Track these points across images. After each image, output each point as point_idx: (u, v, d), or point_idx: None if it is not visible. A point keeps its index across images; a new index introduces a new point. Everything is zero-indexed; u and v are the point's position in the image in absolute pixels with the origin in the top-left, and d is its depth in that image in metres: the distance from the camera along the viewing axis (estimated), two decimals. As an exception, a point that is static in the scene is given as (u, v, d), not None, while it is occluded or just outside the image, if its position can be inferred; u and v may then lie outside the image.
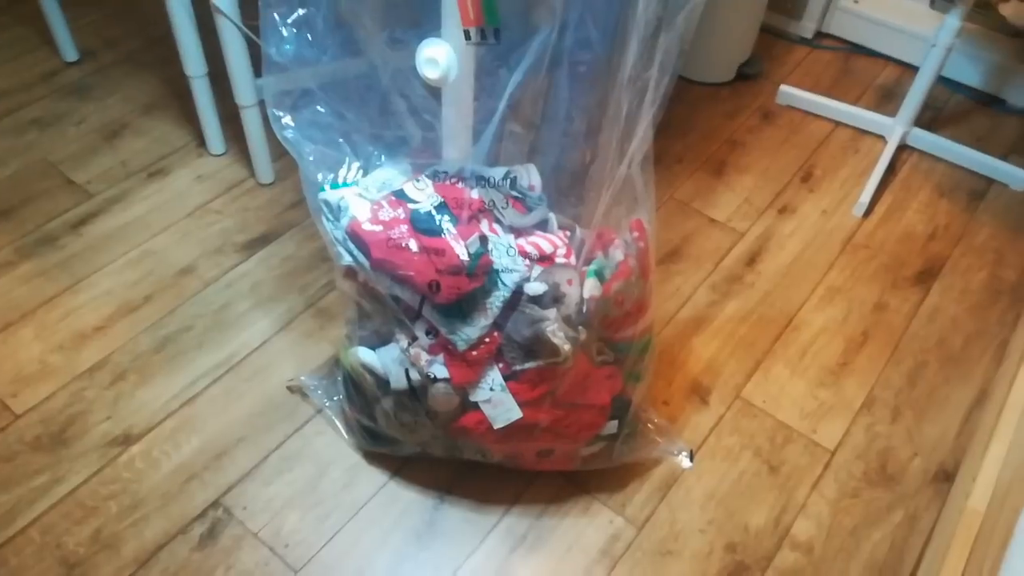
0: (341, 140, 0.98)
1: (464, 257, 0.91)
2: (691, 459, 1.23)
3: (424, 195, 0.94)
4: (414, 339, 0.99)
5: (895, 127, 1.74)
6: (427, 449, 1.13)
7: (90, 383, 1.25)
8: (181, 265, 1.42)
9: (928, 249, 1.57)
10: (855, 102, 1.85)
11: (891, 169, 1.71)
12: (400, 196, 0.95)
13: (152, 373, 1.27)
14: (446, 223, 0.92)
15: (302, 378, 1.25)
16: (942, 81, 1.92)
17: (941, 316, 1.46)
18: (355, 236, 0.94)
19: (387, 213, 0.94)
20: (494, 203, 0.95)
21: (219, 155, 1.62)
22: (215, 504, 1.13)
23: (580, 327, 0.96)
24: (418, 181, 0.96)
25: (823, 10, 2.01)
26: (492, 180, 0.95)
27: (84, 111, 1.69)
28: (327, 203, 0.97)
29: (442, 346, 0.97)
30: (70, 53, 1.79)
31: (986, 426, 1.23)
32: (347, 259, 0.96)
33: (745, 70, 1.91)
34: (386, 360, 1.02)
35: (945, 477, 1.23)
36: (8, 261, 1.41)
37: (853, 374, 1.36)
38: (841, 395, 1.33)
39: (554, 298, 0.94)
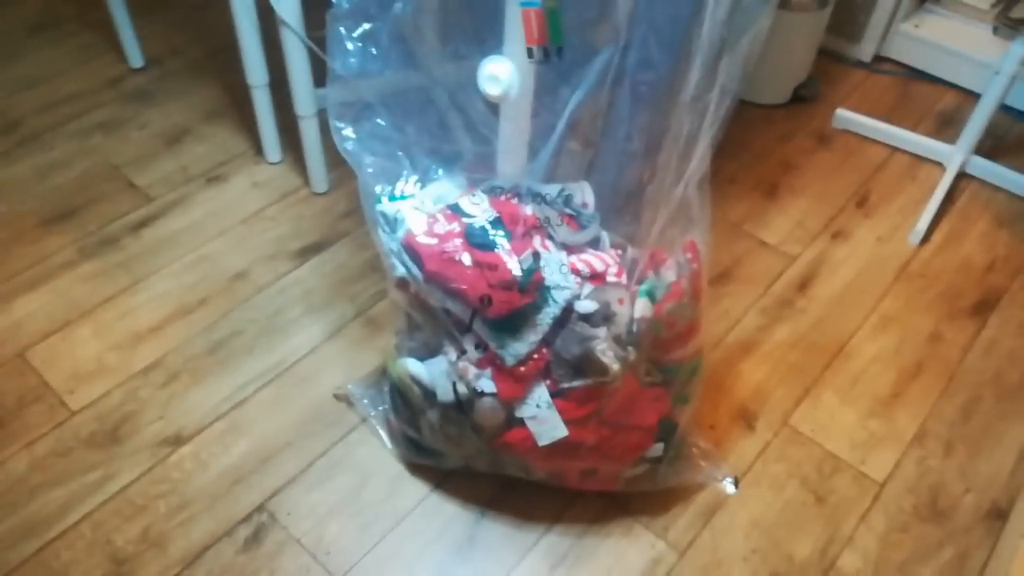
0: (400, 153, 0.99)
1: (516, 272, 0.91)
2: (736, 485, 1.21)
3: (479, 210, 0.95)
4: (463, 352, 0.99)
5: (954, 155, 1.70)
6: (471, 463, 1.13)
7: (144, 383, 1.28)
8: (235, 270, 1.45)
9: (986, 280, 1.53)
10: (913, 128, 1.82)
11: (949, 197, 1.68)
12: (455, 210, 0.96)
13: (204, 375, 1.29)
14: (500, 238, 0.93)
15: (349, 386, 1.26)
16: (1004, 109, 1.87)
17: (998, 349, 1.42)
18: (410, 248, 0.95)
19: (442, 226, 0.94)
20: (548, 220, 0.95)
21: (276, 163, 1.66)
22: (260, 508, 1.15)
23: (629, 347, 0.96)
24: (474, 195, 0.96)
25: (882, 33, 1.98)
26: (547, 197, 0.96)
27: (147, 116, 1.74)
28: (384, 215, 0.98)
29: (490, 360, 0.97)
30: (136, 59, 1.84)
31: (1045, 465, 1.20)
32: (401, 270, 0.97)
33: (801, 92, 1.89)
34: (434, 372, 1.03)
35: (998, 515, 1.20)
36: (70, 260, 1.45)
37: (905, 405, 1.33)
38: (892, 426, 1.30)
39: (604, 317, 0.94)
